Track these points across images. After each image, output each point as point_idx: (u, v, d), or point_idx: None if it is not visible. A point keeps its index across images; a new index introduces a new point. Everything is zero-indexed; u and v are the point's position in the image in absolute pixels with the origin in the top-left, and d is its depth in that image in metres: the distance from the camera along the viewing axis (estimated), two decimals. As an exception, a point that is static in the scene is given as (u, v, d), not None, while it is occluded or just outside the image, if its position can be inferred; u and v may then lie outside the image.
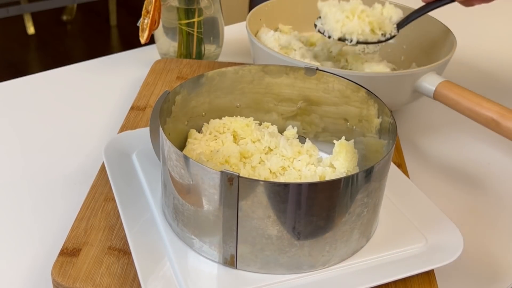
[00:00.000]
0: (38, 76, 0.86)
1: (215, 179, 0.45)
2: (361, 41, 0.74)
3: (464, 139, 0.77)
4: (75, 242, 0.52)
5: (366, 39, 0.74)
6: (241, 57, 0.93)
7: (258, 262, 0.48)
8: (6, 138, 0.72)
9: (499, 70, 0.96)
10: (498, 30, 1.14)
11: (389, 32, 0.75)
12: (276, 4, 0.86)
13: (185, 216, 0.49)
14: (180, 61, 0.85)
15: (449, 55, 0.72)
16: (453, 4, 0.74)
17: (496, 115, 0.61)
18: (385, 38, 0.75)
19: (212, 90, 0.60)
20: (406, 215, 0.55)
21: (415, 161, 0.71)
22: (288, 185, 0.44)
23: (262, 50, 0.72)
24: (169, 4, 0.83)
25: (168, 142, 0.48)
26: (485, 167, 0.71)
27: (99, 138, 0.71)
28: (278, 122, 0.64)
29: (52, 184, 0.64)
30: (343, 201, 0.46)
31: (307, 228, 0.46)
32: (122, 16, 2.80)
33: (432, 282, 0.51)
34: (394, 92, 0.71)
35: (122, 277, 0.49)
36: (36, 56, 2.54)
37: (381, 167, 0.48)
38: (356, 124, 0.59)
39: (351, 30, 0.73)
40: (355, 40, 0.73)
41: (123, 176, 0.58)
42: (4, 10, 2.18)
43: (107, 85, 0.84)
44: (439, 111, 0.79)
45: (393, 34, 0.75)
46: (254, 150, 0.57)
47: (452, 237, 0.52)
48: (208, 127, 0.60)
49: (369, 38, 0.74)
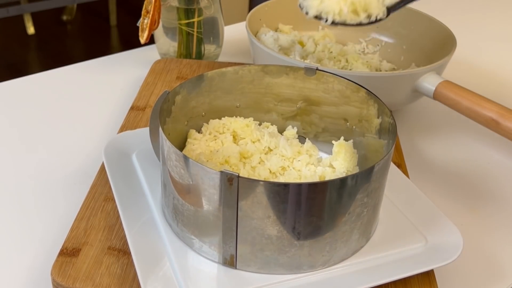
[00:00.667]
0: (38, 76, 0.86)
1: (215, 179, 0.45)
2: (337, 22, 0.67)
3: (464, 139, 0.77)
4: (75, 242, 0.52)
5: (344, 21, 0.67)
6: (241, 57, 0.93)
7: (258, 262, 0.48)
8: (6, 138, 0.72)
9: (499, 70, 0.96)
10: (498, 30, 1.14)
11: (376, 15, 0.67)
12: (276, 4, 0.86)
13: (185, 216, 0.49)
14: (180, 61, 0.85)
15: (449, 55, 0.72)
16: (453, 4, 0.74)
17: (496, 115, 0.61)
18: (368, 21, 0.67)
19: (212, 90, 0.60)
20: (406, 215, 0.55)
21: (415, 161, 0.71)
22: (288, 185, 0.44)
23: (262, 50, 0.72)
24: (169, 4, 0.83)
25: (168, 142, 0.48)
26: (485, 167, 0.71)
27: (99, 138, 0.71)
28: (278, 122, 0.64)
29: (52, 184, 0.64)
30: (343, 201, 0.46)
31: (307, 228, 0.46)
32: (122, 16, 2.80)
33: (432, 282, 0.51)
34: (394, 92, 0.71)
35: (121, 277, 0.49)
36: (36, 56, 2.54)
37: (381, 167, 0.48)
38: (356, 124, 0.59)
39: (328, 9, 0.67)
40: (330, 20, 0.67)
41: (123, 176, 0.58)
42: (4, 10, 2.18)
43: (107, 85, 0.84)
44: (439, 111, 0.79)
45: (379, 17, 0.67)
46: (254, 150, 0.57)
47: (452, 237, 0.52)
48: (208, 127, 0.60)
49: (348, 20, 0.67)
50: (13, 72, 2.28)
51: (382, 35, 0.87)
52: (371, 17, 0.67)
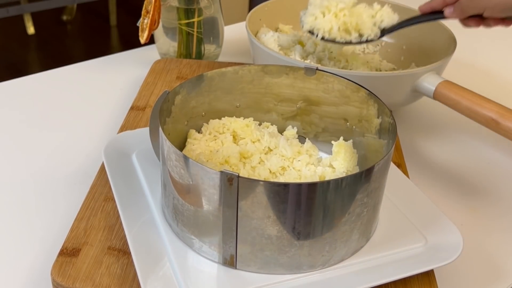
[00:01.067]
0: (38, 76, 0.86)
1: (215, 179, 0.45)
2: (327, 38, 0.72)
3: (464, 139, 0.77)
4: (75, 242, 0.52)
5: (334, 38, 0.72)
6: (241, 57, 0.93)
7: (258, 262, 0.48)
8: (6, 138, 0.71)
9: (499, 70, 0.96)
10: (498, 30, 1.13)
11: (367, 36, 0.71)
12: (276, 4, 0.86)
13: (185, 216, 0.49)
14: (180, 61, 0.85)
15: (449, 55, 0.72)
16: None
17: (496, 115, 0.61)
18: (357, 41, 0.72)
19: (212, 90, 0.60)
20: (406, 215, 0.55)
21: (415, 161, 0.71)
22: (288, 185, 0.44)
23: (262, 50, 0.72)
24: (169, 4, 0.83)
25: (168, 142, 0.48)
26: (485, 167, 0.71)
27: (99, 138, 0.71)
28: (278, 122, 0.63)
29: (52, 184, 0.64)
30: (343, 201, 0.46)
31: (306, 228, 0.46)
32: (122, 16, 2.80)
33: (432, 282, 0.51)
34: (394, 92, 0.71)
35: (121, 277, 0.49)
36: (36, 56, 2.54)
37: (381, 167, 0.48)
38: (356, 124, 0.59)
39: (319, 26, 0.71)
40: (320, 36, 0.72)
41: (123, 176, 0.58)
42: (4, 10, 2.18)
43: (107, 85, 0.84)
44: (439, 111, 0.79)
45: (371, 38, 0.72)
46: (254, 150, 0.57)
47: (452, 237, 0.52)
48: (207, 127, 0.60)
49: (337, 38, 0.72)
50: (13, 72, 2.28)
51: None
52: (362, 37, 0.72)
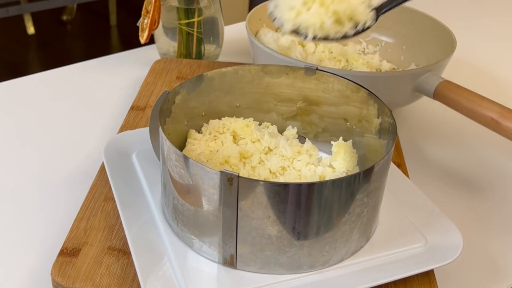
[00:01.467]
0: (38, 76, 0.86)
1: (215, 179, 0.45)
2: (320, 37, 0.56)
3: (464, 139, 0.77)
4: (75, 242, 0.52)
5: (327, 35, 0.56)
6: (241, 57, 0.93)
7: (258, 262, 0.48)
8: (5, 138, 0.71)
9: (499, 70, 0.96)
10: (498, 30, 1.14)
11: (363, 22, 0.56)
12: (276, 4, 0.86)
13: (185, 216, 0.49)
14: (180, 61, 0.85)
15: (449, 55, 0.72)
16: (453, 4, 0.74)
17: (496, 115, 0.61)
18: (354, 32, 0.57)
19: (211, 90, 0.60)
20: (406, 215, 0.55)
21: (415, 161, 0.71)
22: (288, 185, 0.44)
23: (262, 50, 0.72)
24: (169, 4, 0.83)
25: (168, 142, 0.48)
26: (485, 167, 0.71)
27: (99, 138, 0.71)
28: (278, 122, 0.63)
29: (52, 184, 0.64)
30: (342, 201, 0.46)
31: (306, 228, 0.46)
32: (122, 16, 2.80)
33: (432, 282, 0.51)
34: (394, 92, 0.71)
35: (121, 277, 0.49)
36: (36, 56, 2.54)
37: (381, 167, 0.48)
38: (356, 124, 0.59)
39: (307, 23, 0.55)
40: (310, 36, 0.55)
41: (123, 176, 0.58)
42: (4, 10, 2.18)
43: (107, 85, 0.84)
44: (439, 111, 0.79)
45: (368, 25, 0.57)
46: (254, 150, 0.57)
47: (452, 237, 0.52)
48: (207, 127, 0.60)
49: (332, 34, 0.56)
50: (13, 72, 2.28)
51: (382, 35, 0.87)
52: (358, 26, 0.57)
